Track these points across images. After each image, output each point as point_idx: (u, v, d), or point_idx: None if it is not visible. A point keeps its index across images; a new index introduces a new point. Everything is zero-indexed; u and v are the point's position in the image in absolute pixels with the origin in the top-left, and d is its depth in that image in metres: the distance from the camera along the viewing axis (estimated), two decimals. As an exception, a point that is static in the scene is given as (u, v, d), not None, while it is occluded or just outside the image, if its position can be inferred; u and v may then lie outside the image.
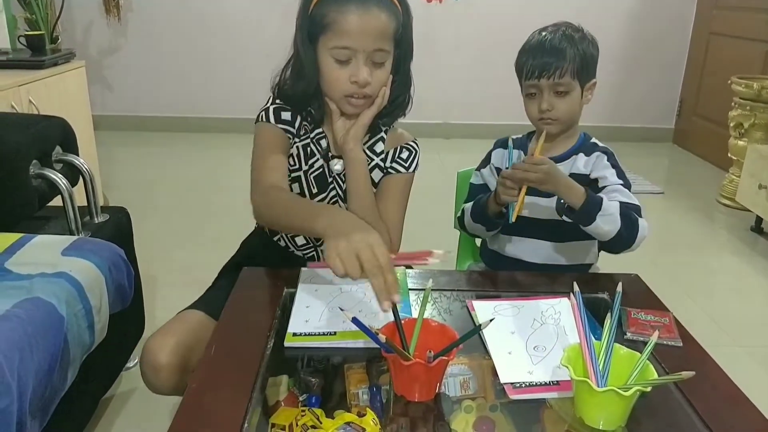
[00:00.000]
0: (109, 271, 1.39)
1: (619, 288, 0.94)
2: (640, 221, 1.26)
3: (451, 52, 4.52)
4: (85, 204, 1.71)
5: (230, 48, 4.42)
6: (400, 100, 1.28)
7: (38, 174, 1.58)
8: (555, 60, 1.26)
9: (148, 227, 2.82)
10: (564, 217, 1.29)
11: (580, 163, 1.35)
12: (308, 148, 1.28)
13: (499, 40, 4.37)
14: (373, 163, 1.30)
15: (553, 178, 1.22)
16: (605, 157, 1.34)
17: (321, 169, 1.28)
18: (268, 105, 1.27)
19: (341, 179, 1.28)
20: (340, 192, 1.29)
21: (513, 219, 1.29)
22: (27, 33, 2.77)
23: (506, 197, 1.27)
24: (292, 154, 1.28)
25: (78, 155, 1.75)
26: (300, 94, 1.23)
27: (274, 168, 1.22)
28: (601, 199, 1.23)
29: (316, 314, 1.07)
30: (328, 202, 1.30)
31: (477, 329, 0.92)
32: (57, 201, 1.64)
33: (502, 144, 1.45)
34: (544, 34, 1.31)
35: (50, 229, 1.65)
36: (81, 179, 1.73)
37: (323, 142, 1.29)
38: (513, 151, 1.41)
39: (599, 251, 1.44)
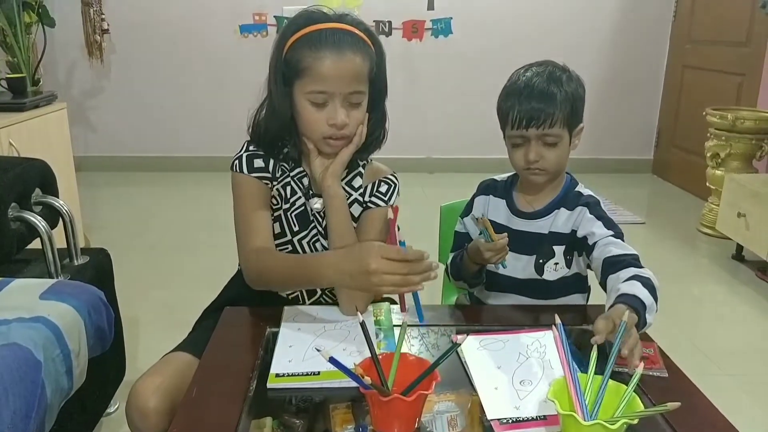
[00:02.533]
0: (88, 314, 1.37)
1: (625, 317, 0.92)
2: (652, 278, 1.10)
3: (433, 88, 4.59)
4: (65, 246, 1.69)
5: (212, 87, 4.46)
6: (376, 135, 1.28)
7: (17, 217, 1.57)
8: (544, 107, 1.20)
9: (131, 268, 2.79)
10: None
11: (560, 221, 1.29)
12: (288, 188, 1.28)
13: (479, 75, 4.45)
14: (352, 198, 1.29)
15: (635, 336, 0.98)
16: (587, 210, 1.26)
17: (302, 207, 1.28)
18: (241, 153, 1.26)
19: (321, 216, 1.27)
20: (320, 229, 1.29)
21: (505, 265, 1.26)
22: (8, 76, 2.77)
23: (497, 260, 1.24)
24: (273, 195, 1.28)
25: (58, 197, 1.73)
26: (273, 134, 1.23)
27: (257, 228, 1.22)
28: (641, 302, 1.03)
29: (300, 354, 1.05)
30: (309, 240, 1.29)
31: (453, 347, 0.90)
32: (36, 243, 1.62)
33: (483, 191, 1.40)
34: (529, 74, 1.24)
35: (29, 273, 1.62)
36: (61, 221, 1.71)
37: (305, 180, 1.28)
38: (496, 201, 1.37)
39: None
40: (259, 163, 1.25)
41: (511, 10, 4.44)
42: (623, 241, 1.21)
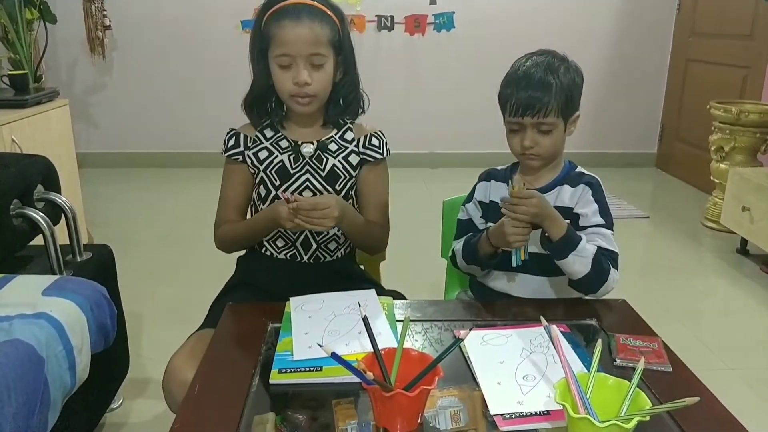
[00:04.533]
0: (90, 310, 1.37)
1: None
2: (611, 273, 1.26)
3: (435, 83, 4.57)
4: (68, 242, 1.69)
5: (214, 83, 4.45)
6: (351, 97, 1.44)
7: (19, 213, 1.56)
8: (539, 95, 1.25)
9: (134, 264, 2.79)
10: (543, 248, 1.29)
11: (566, 196, 1.33)
12: (264, 151, 1.42)
13: (482, 69, 4.44)
14: (349, 150, 1.44)
15: (543, 210, 1.22)
16: (590, 191, 1.32)
17: (280, 163, 1.41)
18: (225, 137, 1.45)
19: (312, 163, 1.42)
20: (313, 174, 1.41)
21: (519, 262, 1.27)
22: (10, 72, 2.77)
23: (517, 243, 1.24)
24: (247, 164, 1.43)
25: (60, 193, 1.73)
26: (253, 100, 1.42)
27: (223, 209, 1.46)
28: (580, 238, 1.24)
29: (317, 339, 1.06)
30: (300, 188, 1.41)
31: (456, 343, 0.89)
32: (39, 240, 1.62)
33: (485, 177, 1.44)
34: (528, 64, 1.29)
35: (32, 269, 1.62)
36: (63, 217, 1.71)
37: (283, 143, 1.43)
38: (497, 185, 1.40)
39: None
40: (231, 142, 1.44)
41: (513, 4, 4.42)
42: (612, 230, 1.30)
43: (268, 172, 1.41)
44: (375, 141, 1.46)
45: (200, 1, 4.34)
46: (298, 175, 1.41)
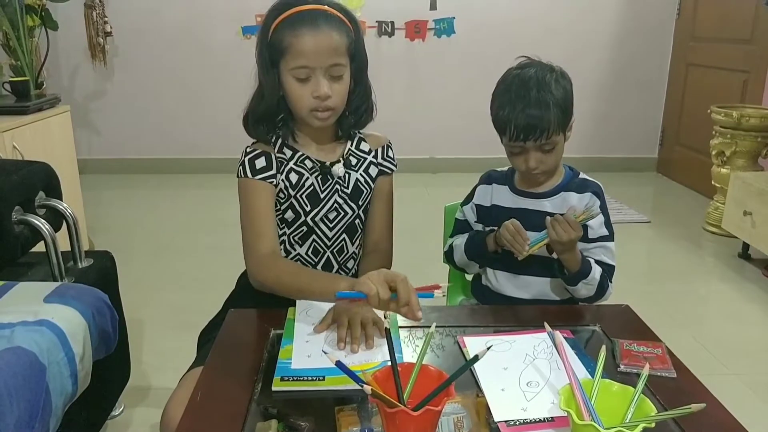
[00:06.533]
0: (92, 317, 1.37)
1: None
2: (608, 289, 1.34)
3: (436, 88, 4.58)
4: (69, 249, 1.69)
5: (215, 89, 4.46)
6: (364, 108, 1.35)
7: (21, 220, 1.56)
8: (538, 118, 1.23)
9: (135, 270, 2.79)
10: (554, 254, 1.30)
11: (573, 201, 1.33)
12: (292, 174, 1.31)
13: (482, 75, 4.43)
14: (367, 161, 1.37)
15: (570, 246, 1.25)
16: (598, 203, 1.32)
17: (312, 187, 1.31)
18: (243, 158, 1.30)
19: (342, 181, 1.33)
20: (340, 193, 1.33)
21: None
22: (12, 79, 2.77)
23: (505, 242, 1.28)
24: (280, 189, 1.31)
25: (62, 200, 1.73)
26: (261, 114, 1.29)
27: (265, 233, 1.27)
28: (590, 269, 1.29)
29: (317, 348, 1.06)
30: (327, 211, 1.33)
31: (473, 360, 0.87)
32: (40, 246, 1.62)
33: (486, 180, 1.45)
34: (518, 82, 1.27)
35: (33, 276, 1.62)
36: (65, 224, 1.71)
37: (308, 162, 1.32)
38: (499, 188, 1.41)
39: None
40: (261, 162, 1.29)
41: (514, 9, 4.43)
42: (613, 240, 1.35)
43: (298, 196, 1.31)
44: (390, 152, 1.41)
45: (201, 7, 4.36)
46: (327, 197, 1.33)
